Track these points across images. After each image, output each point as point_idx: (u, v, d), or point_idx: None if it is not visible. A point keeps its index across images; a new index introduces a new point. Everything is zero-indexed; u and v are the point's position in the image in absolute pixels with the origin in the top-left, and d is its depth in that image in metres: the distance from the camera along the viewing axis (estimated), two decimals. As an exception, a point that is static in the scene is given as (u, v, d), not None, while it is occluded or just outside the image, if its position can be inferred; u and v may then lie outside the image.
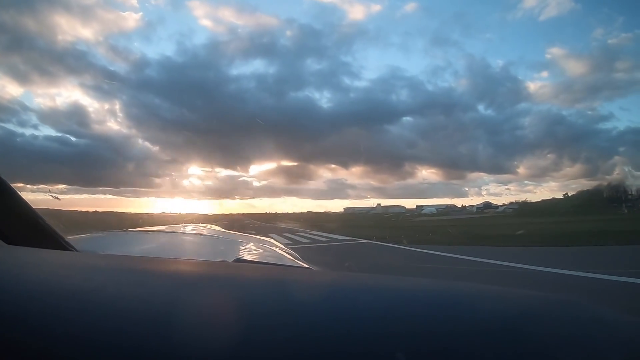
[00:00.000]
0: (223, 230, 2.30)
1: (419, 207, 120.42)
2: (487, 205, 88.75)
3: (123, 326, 0.26)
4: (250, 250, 1.37)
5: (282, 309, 0.31)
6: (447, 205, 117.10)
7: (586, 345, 0.28)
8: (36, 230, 0.63)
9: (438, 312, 0.32)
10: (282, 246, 1.79)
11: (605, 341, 0.30)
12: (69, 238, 0.72)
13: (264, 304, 0.32)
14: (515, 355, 0.26)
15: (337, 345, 0.26)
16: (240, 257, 1.10)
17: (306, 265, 1.17)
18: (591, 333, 0.31)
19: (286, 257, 1.38)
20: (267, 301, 0.33)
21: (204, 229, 2.11)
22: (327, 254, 8.95)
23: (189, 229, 2.02)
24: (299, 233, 17.08)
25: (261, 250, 1.43)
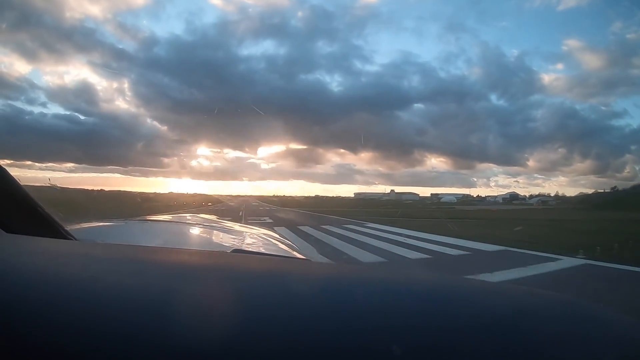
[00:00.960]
0: (222, 220, 2.33)
1: (434, 195, 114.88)
2: (514, 197, 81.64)
3: (121, 315, 0.27)
4: (249, 241, 1.37)
5: (280, 300, 0.31)
6: (463, 195, 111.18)
7: (581, 343, 0.29)
8: (35, 218, 0.63)
9: (434, 307, 0.33)
10: (280, 237, 1.77)
11: (600, 340, 0.30)
12: (69, 227, 0.71)
13: (262, 295, 0.33)
14: (510, 351, 0.26)
15: (334, 337, 0.26)
16: (239, 247, 1.10)
17: (304, 257, 1.17)
18: (586, 331, 0.31)
19: (285, 248, 1.38)
20: (265, 292, 0.34)
21: (203, 218, 2.13)
22: None
23: (188, 218, 2.03)
24: (382, 231, 10.87)
25: (260, 241, 1.43)
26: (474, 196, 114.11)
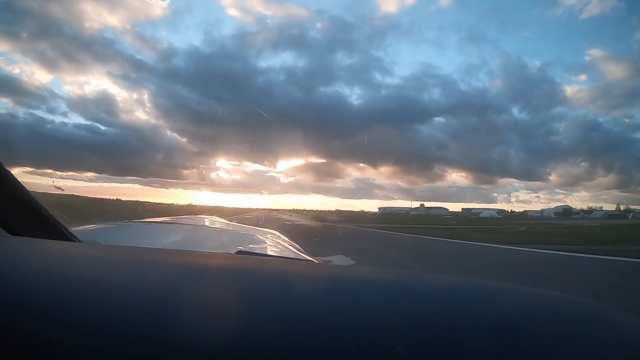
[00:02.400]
0: (226, 221, 2.36)
1: (467, 210, 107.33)
2: (568, 210, 71.81)
3: (125, 317, 0.27)
4: (253, 242, 1.39)
5: (284, 301, 0.32)
6: (498, 210, 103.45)
7: (585, 343, 0.29)
8: (39, 220, 0.65)
9: (439, 307, 0.33)
10: (285, 238, 1.82)
11: (604, 340, 0.30)
12: (73, 229, 0.73)
13: (265, 296, 0.33)
14: (515, 351, 0.27)
15: (338, 337, 0.26)
16: (243, 249, 1.09)
17: (309, 258, 1.18)
18: (590, 332, 0.31)
19: (289, 249, 1.40)
20: (268, 293, 0.34)
21: (207, 220, 2.16)
22: None
23: (192, 220, 2.05)
24: None
25: (264, 242, 1.44)
26: (509, 211, 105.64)
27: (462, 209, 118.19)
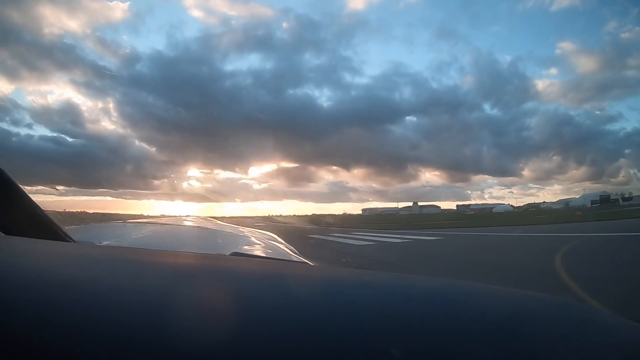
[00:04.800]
0: (221, 222, 2.36)
1: (463, 207, 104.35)
2: (606, 198, 64.40)
3: (119, 317, 0.28)
4: (248, 244, 1.40)
5: (278, 303, 0.33)
6: (508, 205, 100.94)
7: (580, 346, 0.29)
8: (34, 220, 0.65)
9: (433, 309, 0.34)
10: (281, 240, 1.82)
11: (598, 343, 0.31)
12: (67, 229, 0.73)
13: (259, 298, 0.34)
14: (509, 354, 0.27)
15: (333, 340, 0.27)
16: (238, 250, 1.11)
17: (304, 260, 1.17)
18: (585, 335, 0.32)
19: (284, 250, 1.41)
20: (262, 295, 0.35)
21: (202, 221, 2.19)
22: None
23: (186, 221, 2.11)
24: None
25: (259, 244, 1.45)
26: (513, 205, 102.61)
27: (457, 205, 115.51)
